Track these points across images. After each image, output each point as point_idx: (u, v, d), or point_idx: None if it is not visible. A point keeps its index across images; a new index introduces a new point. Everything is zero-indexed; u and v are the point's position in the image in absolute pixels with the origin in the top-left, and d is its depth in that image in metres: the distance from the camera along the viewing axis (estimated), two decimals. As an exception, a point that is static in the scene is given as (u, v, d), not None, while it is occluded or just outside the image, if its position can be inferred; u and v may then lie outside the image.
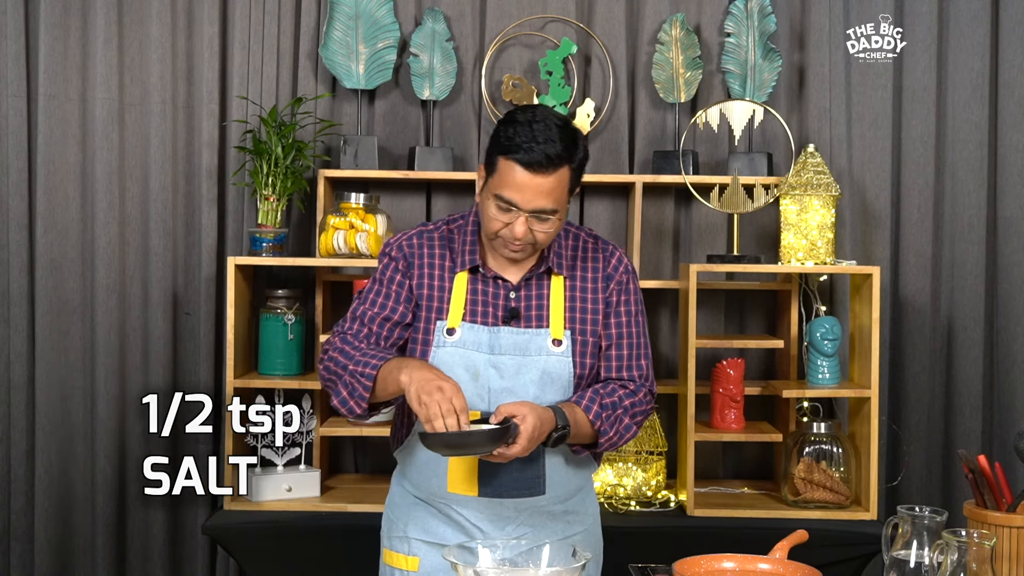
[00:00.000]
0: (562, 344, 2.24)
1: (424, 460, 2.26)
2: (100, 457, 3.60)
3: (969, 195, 3.69)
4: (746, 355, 3.68)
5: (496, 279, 2.27)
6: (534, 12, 3.69)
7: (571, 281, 2.29)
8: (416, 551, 2.29)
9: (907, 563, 1.92)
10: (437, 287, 2.26)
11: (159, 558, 3.65)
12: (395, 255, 2.28)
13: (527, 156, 2.10)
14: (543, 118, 2.13)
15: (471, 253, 2.27)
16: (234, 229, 3.66)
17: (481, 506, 2.24)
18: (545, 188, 2.12)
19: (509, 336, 2.23)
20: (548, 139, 2.11)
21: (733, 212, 3.51)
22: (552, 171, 2.12)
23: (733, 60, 3.65)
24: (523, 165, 2.11)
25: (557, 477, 2.27)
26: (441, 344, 2.22)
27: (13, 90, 3.57)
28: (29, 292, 3.61)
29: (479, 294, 2.26)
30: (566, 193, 2.17)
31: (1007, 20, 3.66)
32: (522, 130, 2.12)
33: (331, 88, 3.69)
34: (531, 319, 2.25)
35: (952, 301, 3.72)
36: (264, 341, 3.47)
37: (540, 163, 2.10)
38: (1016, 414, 3.65)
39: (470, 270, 2.27)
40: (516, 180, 2.12)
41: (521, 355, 2.22)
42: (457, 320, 2.24)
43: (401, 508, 2.34)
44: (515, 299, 2.26)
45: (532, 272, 2.27)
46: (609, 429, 2.23)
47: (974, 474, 2.09)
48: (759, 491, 3.55)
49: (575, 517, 2.33)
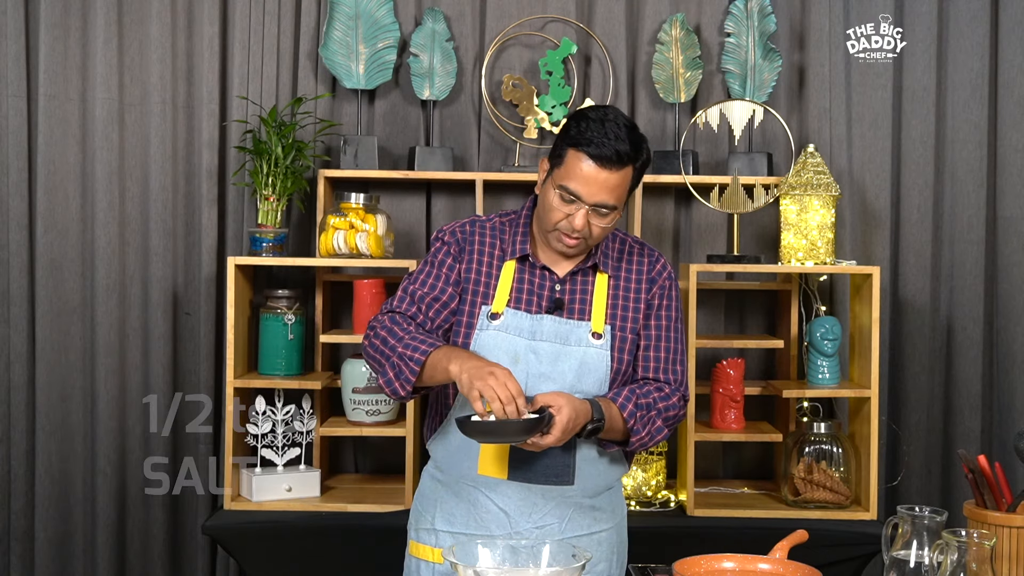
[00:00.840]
0: (602, 338, 2.28)
1: (457, 444, 2.30)
2: (100, 457, 3.60)
3: (969, 195, 3.69)
4: (746, 355, 3.68)
5: (544, 269, 2.33)
6: (534, 12, 3.70)
7: (615, 280, 2.34)
8: (443, 543, 2.32)
9: (907, 563, 1.92)
10: (485, 273, 2.32)
11: (159, 558, 3.65)
12: (448, 240, 2.35)
13: (598, 150, 2.17)
14: (614, 117, 2.21)
15: (522, 243, 2.33)
16: (234, 229, 3.66)
17: (510, 490, 2.27)
18: (611, 184, 2.19)
19: (551, 324, 2.27)
20: (618, 137, 2.18)
21: (733, 212, 3.51)
22: (619, 168, 2.19)
23: (733, 60, 3.65)
24: (593, 159, 2.18)
25: (588, 470, 2.29)
26: (484, 327, 2.27)
27: (13, 90, 3.57)
28: (29, 292, 3.61)
29: (525, 282, 2.31)
30: (627, 192, 2.24)
31: (1007, 20, 3.67)
32: (594, 126, 2.19)
33: (331, 88, 3.69)
34: (574, 311, 2.30)
35: (952, 301, 3.72)
36: (264, 341, 3.47)
37: (610, 158, 2.17)
38: (1016, 414, 3.66)
39: (519, 259, 2.33)
40: (584, 173, 2.19)
41: (561, 343, 2.26)
42: (502, 305, 2.29)
43: (429, 499, 2.37)
44: (560, 291, 2.31)
45: (579, 267, 2.33)
46: (642, 429, 2.26)
47: (974, 474, 2.10)
48: (759, 491, 3.55)
49: (602, 515, 2.35)
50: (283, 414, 3.44)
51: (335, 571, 3.28)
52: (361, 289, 3.45)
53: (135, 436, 3.64)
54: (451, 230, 2.37)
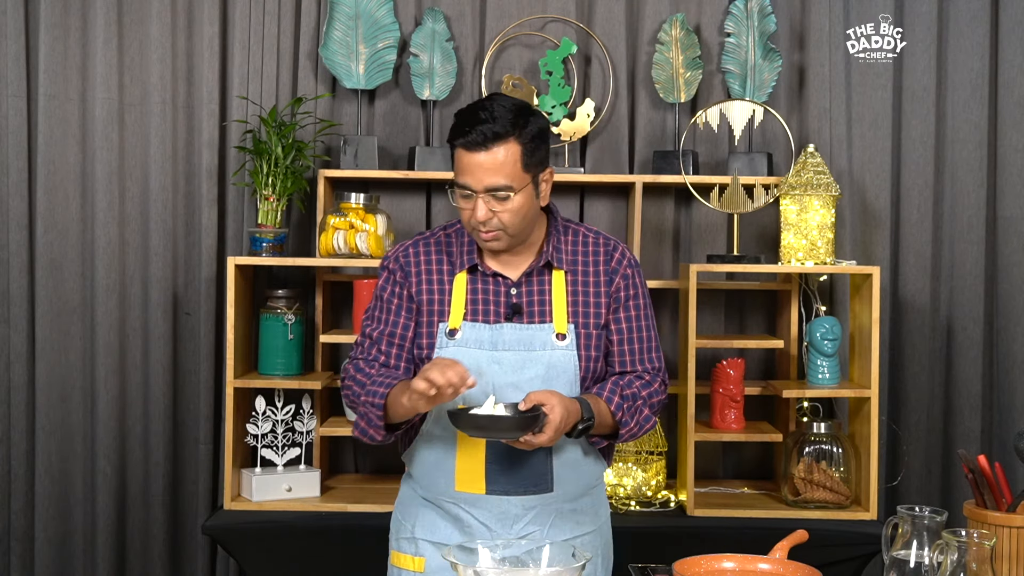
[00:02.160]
0: (566, 338, 2.25)
1: (432, 460, 2.28)
2: (100, 457, 3.60)
3: (969, 195, 3.69)
4: (746, 355, 3.68)
5: (496, 276, 2.28)
6: (534, 12, 3.69)
7: (572, 276, 2.29)
8: (423, 551, 2.30)
9: (907, 563, 1.92)
10: (437, 291, 2.28)
11: (159, 558, 3.65)
12: (392, 267, 2.32)
13: (465, 138, 2.16)
14: (490, 103, 2.19)
15: (469, 253, 2.29)
16: (234, 229, 3.66)
17: (489, 504, 2.25)
18: (490, 165, 2.15)
19: (512, 332, 2.24)
20: (488, 119, 2.15)
21: (733, 212, 3.51)
22: (493, 146, 2.15)
23: (733, 60, 3.65)
24: (464, 147, 2.17)
25: (566, 475, 2.27)
26: (443, 346, 2.24)
27: (13, 90, 3.57)
28: (29, 292, 3.61)
29: (479, 293, 2.27)
30: (518, 169, 2.17)
31: (1007, 20, 3.67)
32: (465, 116, 2.19)
33: (331, 88, 3.69)
34: (534, 315, 2.26)
35: (952, 301, 3.72)
36: (264, 341, 3.47)
37: (477, 141, 2.15)
38: (1016, 414, 3.65)
39: (469, 270, 2.29)
40: (464, 164, 2.18)
41: (525, 350, 2.23)
42: (458, 320, 2.25)
43: (409, 509, 2.35)
44: (516, 295, 2.27)
45: (532, 267, 2.28)
46: (630, 420, 2.25)
47: (974, 474, 2.10)
48: (759, 491, 3.55)
49: (584, 517, 2.34)
50: (283, 414, 3.44)
51: (335, 571, 3.27)
52: (361, 289, 3.45)
53: (135, 436, 3.64)
54: (393, 256, 2.34)
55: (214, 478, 3.64)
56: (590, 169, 3.68)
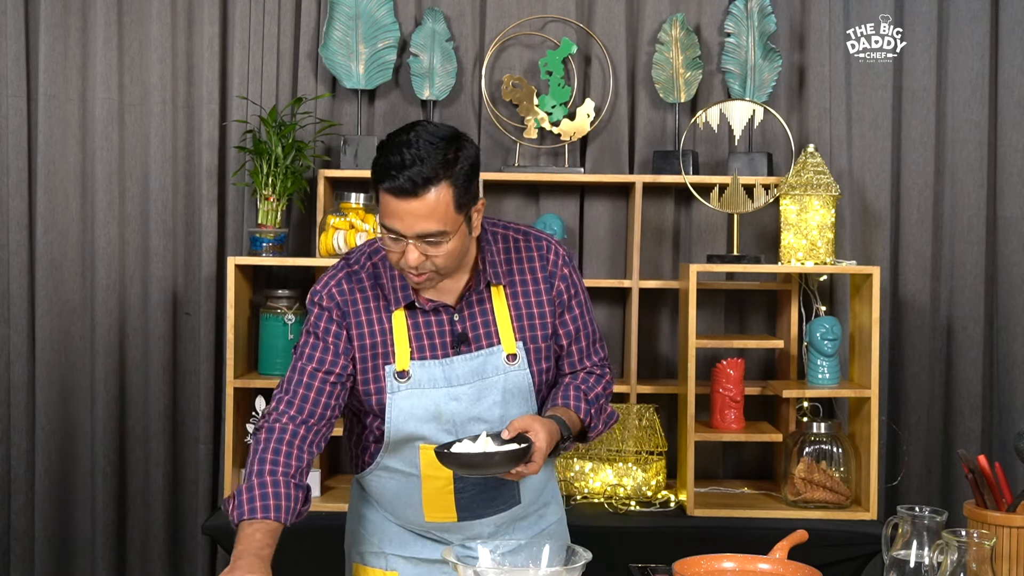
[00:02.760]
0: (517, 357, 2.17)
1: (394, 491, 2.22)
2: (100, 457, 3.60)
3: (969, 195, 3.69)
4: (746, 355, 3.68)
5: (435, 309, 2.16)
6: (534, 12, 3.69)
7: (511, 288, 2.19)
8: (394, 566, 2.25)
9: (907, 563, 1.92)
10: (378, 331, 2.14)
11: (159, 558, 3.65)
12: (327, 304, 2.15)
13: (392, 183, 1.98)
14: (415, 138, 2.01)
15: (403, 289, 2.15)
16: (234, 229, 3.66)
17: (461, 528, 2.22)
18: (422, 211, 1.98)
19: (463, 364, 2.14)
20: (416, 159, 1.97)
21: (733, 212, 3.51)
22: (424, 192, 1.97)
23: (733, 60, 3.65)
24: (391, 192, 1.99)
25: (531, 483, 2.26)
26: (395, 390, 2.13)
27: (13, 90, 3.57)
28: (29, 292, 3.61)
29: (422, 327, 2.15)
30: (451, 211, 2.00)
31: (1007, 20, 3.66)
32: (390, 156, 2.00)
33: (331, 88, 3.69)
34: (480, 338, 2.16)
35: (952, 301, 3.72)
36: (264, 341, 3.47)
37: (406, 189, 1.97)
38: (1016, 414, 3.65)
39: (406, 307, 2.15)
40: (391, 208, 2.00)
41: (479, 379, 2.14)
42: (405, 361, 2.13)
43: (372, 523, 2.29)
44: (459, 321, 2.16)
45: (470, 290, 2.16)
46: (598, 423, 2.26)
47: (974, 474, 2.09)
48: (759, 491, 3.55)
49: (546, 509, 2.34)
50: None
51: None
52: (361, 289, 3.45)
53: (135, 436, 3.64)
54: (327, 292, 2.16)
55: (214, 478, 3.64)
56: (590, 169, 3.68)
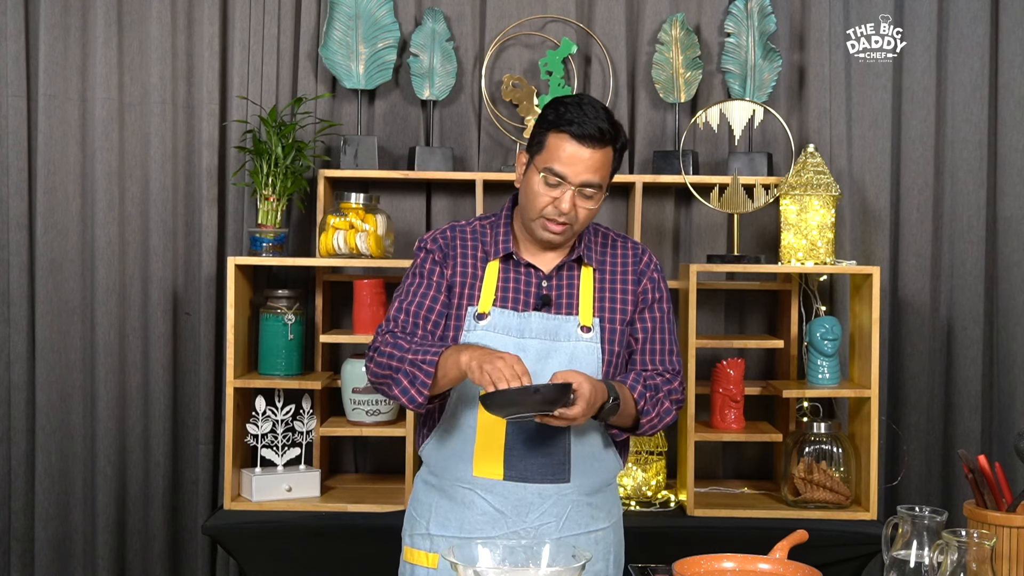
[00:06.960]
0: (591, 331, 2.29)
1: (451, 447, 2.31)
2: (100, 457, 3.60)
3: (969, 195, 3.69)
4: (746, 355, 3.68)
5: (528, 267, 2.32)
6: (534, 12, 3.69)
7: (600, 272, 2.35)
8: (437, 547, 2.31)
9: (907, 563, 1.92)
10: (471, 275, 2.32)
11: (159, 558, 3.65)
12: (431, 247, 2.35)
13: (580, 129, 2.19)
14: (590, 101, 2.24)
15: (504, 242, 2.33)
16: (234, 229, 3.66)
17: (506, 491, 2.27)
18: (594, 162, 2.21)
19: (539, 321, 2.28)
20: (598, 116, 2.21)
21: (733, 212, 3.51)
22: (601, 146, 2.21)
23: (733, 60, 3.65)
24: (575, 138, 2.20)
25: (584, 467, 2.30)
26: (471, 328, 2.27)
27: (13, 90, 3.57)
28: (29, 292, 3.61)
29: (511, 281, 2.31)
30: (607, 173, 2.25)
31: (1007, 20, 3.67)
32: (573, 108, 2.21)
33: (331, 88, 3.69)
34: (561, 306, 2.30)
35: (952, 301, 3.72)
36: (264, 341, 3.47)
37: (592, 136, 2.19)
38: (1016, 414, 3.66)
39: (502, 258, 2.33)
40: (567, 154, 2.20)
41: (550, 340, 2.27)
42: (488, 305, 2.29)
43: (423, 505, 2.37)
44: (547, 287, 2.31)
45: (564, 261, 2.33)
46: (652, 410, 2.29)
47: (974, 474, 2.10)
48: (759, 491, 3.55)
49: (599, 513, 2.35)
50: (283, 414, 3.44)
51: (335, 571, 3.28)
52: (361, 289, 3.45)
53: (135, 436, 3.64)
54: (432, 237, 2.37)
55: (214, 478, 3.64)
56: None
